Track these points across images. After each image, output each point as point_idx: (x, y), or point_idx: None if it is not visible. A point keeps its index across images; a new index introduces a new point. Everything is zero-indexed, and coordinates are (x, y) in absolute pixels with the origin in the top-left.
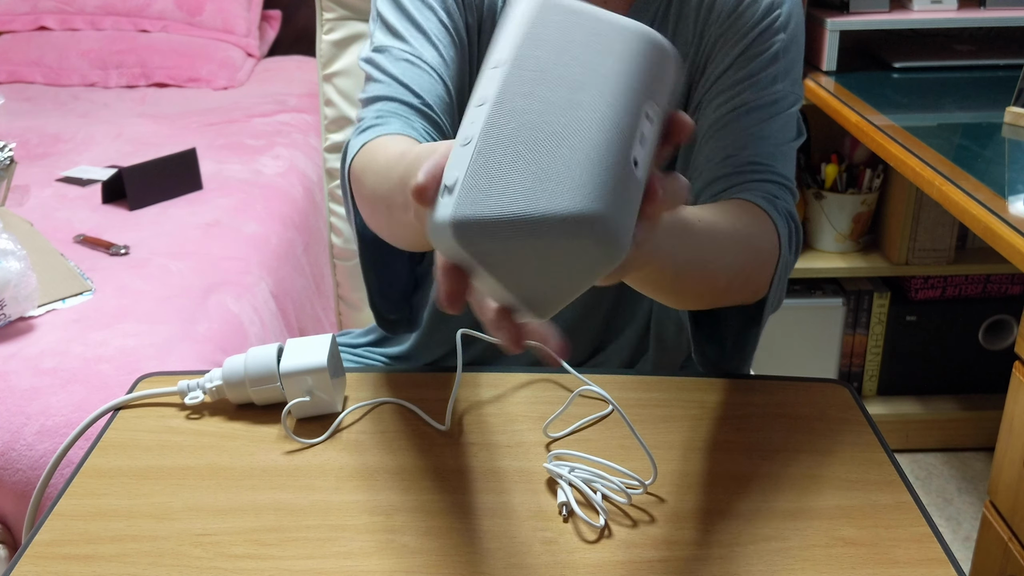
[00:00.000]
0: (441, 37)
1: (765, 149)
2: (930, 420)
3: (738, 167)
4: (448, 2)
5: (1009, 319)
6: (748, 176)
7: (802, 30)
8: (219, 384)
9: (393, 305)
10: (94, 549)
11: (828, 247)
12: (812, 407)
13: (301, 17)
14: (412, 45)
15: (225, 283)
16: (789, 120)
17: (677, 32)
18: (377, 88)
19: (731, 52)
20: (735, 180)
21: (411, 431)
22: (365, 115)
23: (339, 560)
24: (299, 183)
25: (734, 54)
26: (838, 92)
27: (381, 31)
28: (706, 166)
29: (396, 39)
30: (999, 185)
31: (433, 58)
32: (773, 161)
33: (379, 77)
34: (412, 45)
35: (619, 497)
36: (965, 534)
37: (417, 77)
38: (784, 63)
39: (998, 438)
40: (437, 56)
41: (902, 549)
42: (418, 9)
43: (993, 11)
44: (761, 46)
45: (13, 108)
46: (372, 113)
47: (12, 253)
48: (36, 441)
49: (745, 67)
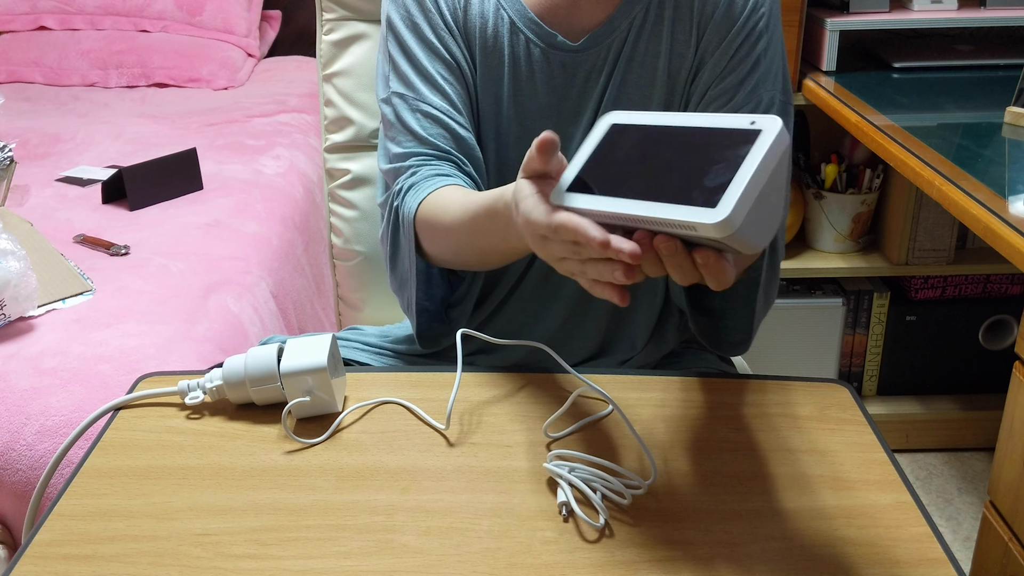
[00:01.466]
0: (449, 78)
1: None
2: (930, 420)
3: None
4: (446, 39)
5: (1009, 319)
6: None
7: (780, 28)
8: (219, 384)
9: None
10: (94, 549)
11: (828, 247)
12: (812, 407)
13: (301, 17)
14: (423, 93)
15: (225, 283)
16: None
17: (675, 32)
18: (404, 145)
19: (721, 60)
20: None
21: (411, 431)
22: (403, 170)
23: (339, 560)
24: (299, 183)
25: (723, 63)
26: (838, 92)
27: (394, 77)
28: None
29: (408, 88)
30: (999, 185)
31: (443, 104)
32: None
33: (400, 129)
34: (423, 93)
35: (619, 497)
36: (965, 534)
37: (431, 127)
38: (764, 65)
39: (998, 438)
40: (445, 101)
41: (902, 549)
42: (423, 52)
43: (993, 11)
44: (746, 51)
45: (13, 108)
46: (410, 170)
47: (12, 253)
48: (36, 441)
49: (731, 75)
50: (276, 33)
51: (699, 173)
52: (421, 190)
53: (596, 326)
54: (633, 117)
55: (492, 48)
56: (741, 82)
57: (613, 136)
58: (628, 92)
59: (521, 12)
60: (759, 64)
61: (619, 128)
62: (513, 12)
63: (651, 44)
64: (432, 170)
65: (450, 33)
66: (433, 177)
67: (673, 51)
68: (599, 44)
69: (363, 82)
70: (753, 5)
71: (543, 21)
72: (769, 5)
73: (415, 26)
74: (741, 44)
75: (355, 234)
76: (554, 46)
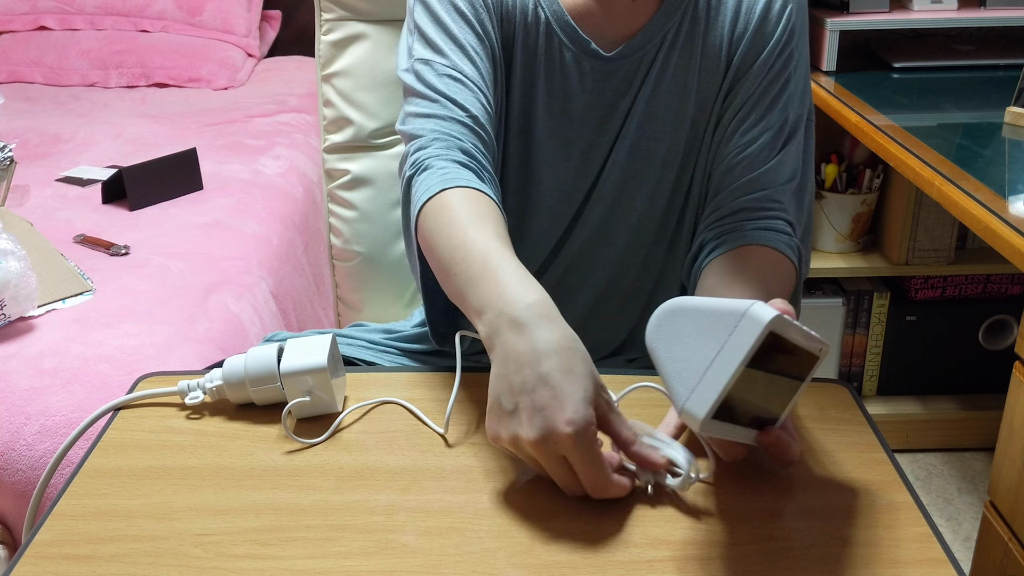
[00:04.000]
0: (479, 50)
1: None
2: (930, 420)
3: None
4: (481, 15)
5: (1009, 319)
6: (763, 214)
7: (807, 43)
8: (219, 384)
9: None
10: (94, 549)
11: (828, 247)
12: (812, 407)
13: (301, 17)
14: (452, 59)
15: (225, 283)
16: (798, 148)
17: (706, 48)
18: (426, 105)
19: (757, 78)
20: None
21: (411, 431)
22: (420, 132)
23: (339, 560)
24: (299, 183)
25: (759, 81)
26: (838, 92)
27: (420, 44)
28: (727, 195)
29: (436, 53)
30: (999, 185)
31: (473, 73)
32: (782, 198)
33: (425, 92)
34: (452, 59)
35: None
36: (965, 534)
37: (462, 92)
38: (793, 82)
39: (998, 438)
40: (476, 71)
41: (902, 549)
42: (455, 22)
43: (993, 11)
44: (778, 69)
45: (13, 108)
46: (429, 134)
47: (12, 253)
48: (36, 441)
49: (765, 95)
50: (276, 33)
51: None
52: (438, 178)
53: (609, 331)
54: (784, 328)
55: (529, 44)
56: (774, 100)
57: (761, 351)
58: (658, 106)
59: (558, 14)
60: (790, 81)
61: (769, 337)
62: (550, 12)
63: (682, 59)
64: (453, 150)
65: (487, 12)
66: (457, 168)
67: (703, 67)
68: (631, 56)
69: (362, 82)
70: (785, 22)
71: (578, 26)
72: (798, 22)
73: None
74: (775, 61)
75: (354, 235)
76: (587, 52)
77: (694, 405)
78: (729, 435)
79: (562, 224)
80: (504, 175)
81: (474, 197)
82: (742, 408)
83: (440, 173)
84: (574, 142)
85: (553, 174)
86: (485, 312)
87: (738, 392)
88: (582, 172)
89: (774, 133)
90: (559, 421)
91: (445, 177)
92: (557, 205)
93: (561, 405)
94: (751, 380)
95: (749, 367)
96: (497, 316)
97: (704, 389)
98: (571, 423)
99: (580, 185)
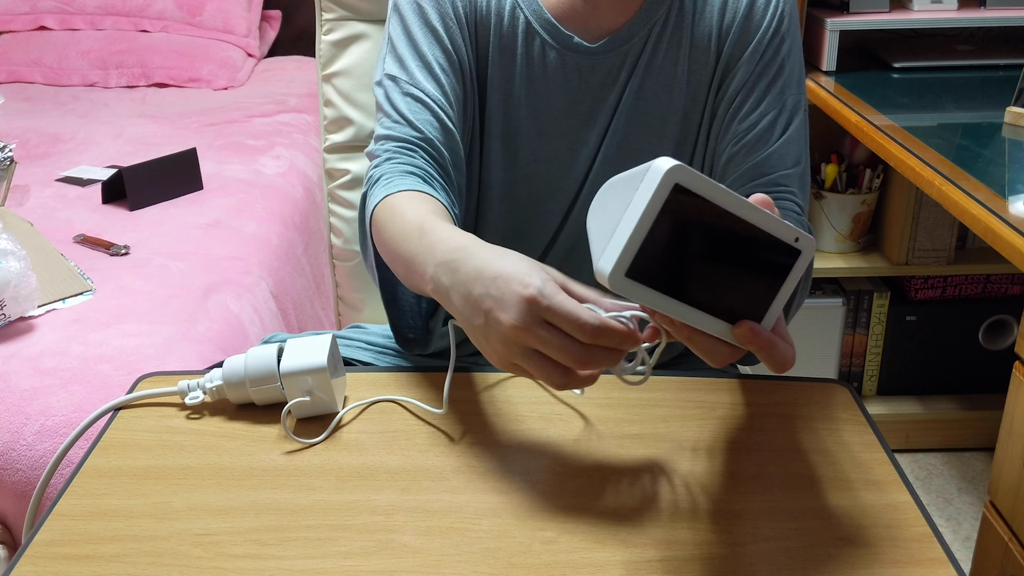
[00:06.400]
0: (445, 66)
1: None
2: (930, 420)
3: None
4: (452, 28)
5: (1009, 319)
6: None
7: (798, 28)
8: (219, 384)
9: (410, 326)
10: (94, 549)
11: (828, 247)
12: (812, 407)
13: (301, 17)
14: (416, 77)
15: (225, 283)
16: (799, 133)
17: (695, 39)
18: (388, 125)
19: (750, 66)
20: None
21: (411, 431)
22: (378, 152)
23: (339, 560)
24: (299, 183)
25: (752, 68)
26: (838, 92)
27: (391, 56)
28: (734, 183)
29: (403, 69)
30: (999, 185)
31: (435, 91)
32: (789, 183)
33: (389, 112)
34: (416, 77)
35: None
36: (965, 534)
37: (421, 112)
38: (788, 68)
39: (998, 438)
40: (438, 89)
41: (902, 549)
42: (425, 36)
43: (993, 11)
44: (771, 55)
45: (13, 108)
46: (383, 155)
47: (12, 253)
48: (36, 441)
49: (760, 80)
50: (276, 33)
51: (744, 289)
52: (384, 187)
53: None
54: (693, 181)
55: (506, 46)
56: (768, 86)
57: (673, 205)
58: (646, 99)
59: (537, 13)
60: (784, 67)
61: (680, 193)
62: (530, 12)
63: (670, 50)
64: (404, 164)
65: (458, 25)
66: (402, 176)
67: (693, 58)
68: (617, 49)
69: (363, 82)
70: (773, 9)
71: (560, 23)
72: (787, 6)
73: (421, 10)
74: (766, 48)
75: (355, 235)
76: (570, 48)
77: (603, 262)
78: (668, 309)
79: (555, 221)
80: (488, 179)
81: (416, 196)
82: (696, 292)
83: (385, 182)
84: (562, 138)
85: (541, 172)
86: (427, 270)
87: (677, 265)
88: (571, 168)
89: (772, 118)
90: (517, 290)
91: (389, 185)
92: (548, 202)
93: (509, 281)
94: (687, 251)
95: (694, 241)
96: (436, 268)
97: (612, 247)
98: (527, 285)
99: (570, 181)
